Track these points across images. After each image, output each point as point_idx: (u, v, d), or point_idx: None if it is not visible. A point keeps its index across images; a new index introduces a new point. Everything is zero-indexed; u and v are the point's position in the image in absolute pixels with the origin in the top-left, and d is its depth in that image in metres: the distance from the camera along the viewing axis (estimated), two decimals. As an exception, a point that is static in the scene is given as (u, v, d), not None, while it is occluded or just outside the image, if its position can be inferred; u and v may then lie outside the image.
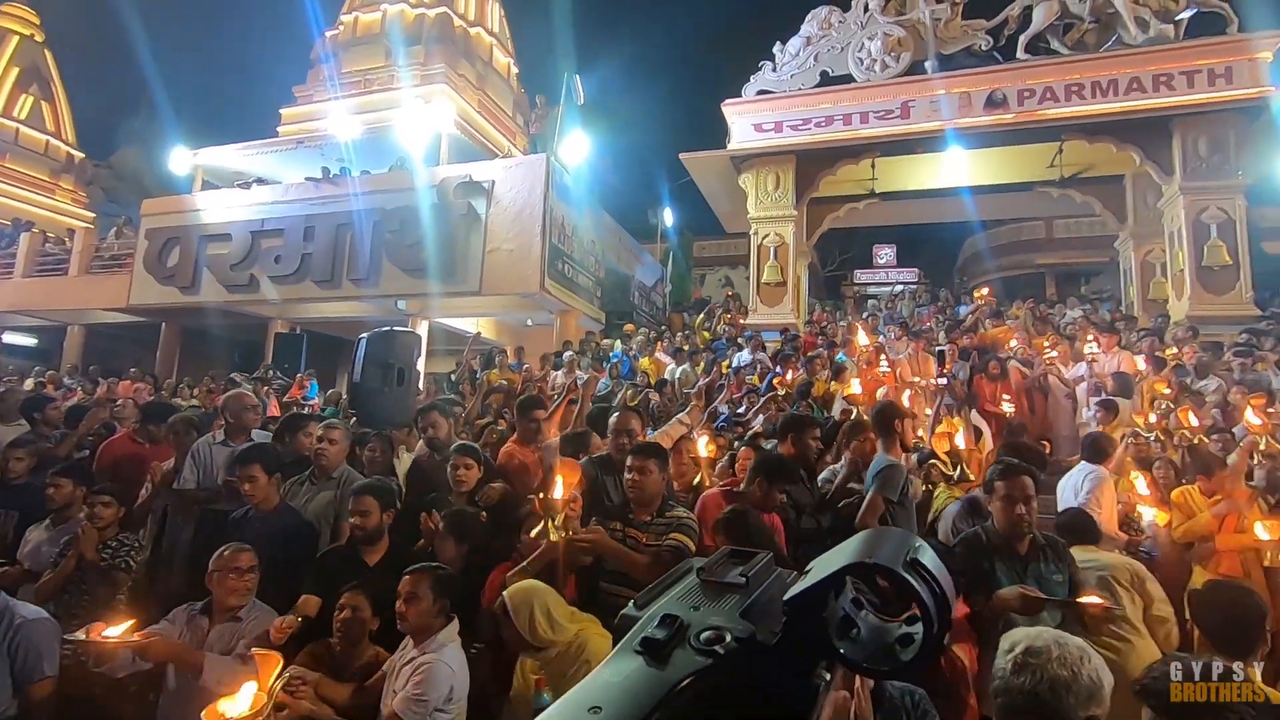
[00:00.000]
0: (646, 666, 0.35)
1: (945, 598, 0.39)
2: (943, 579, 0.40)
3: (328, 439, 3.92)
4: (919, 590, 0.38)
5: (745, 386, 7.94)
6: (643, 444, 3.36)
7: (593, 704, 0.31)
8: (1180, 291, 10.61)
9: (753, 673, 0.37)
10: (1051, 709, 1.38)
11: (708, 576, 0.43)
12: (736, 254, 18.28)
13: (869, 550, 0.41)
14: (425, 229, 12.28)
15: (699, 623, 0.38)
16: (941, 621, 0.39)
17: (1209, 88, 10.42)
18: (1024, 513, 2.65)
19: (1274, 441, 4.80)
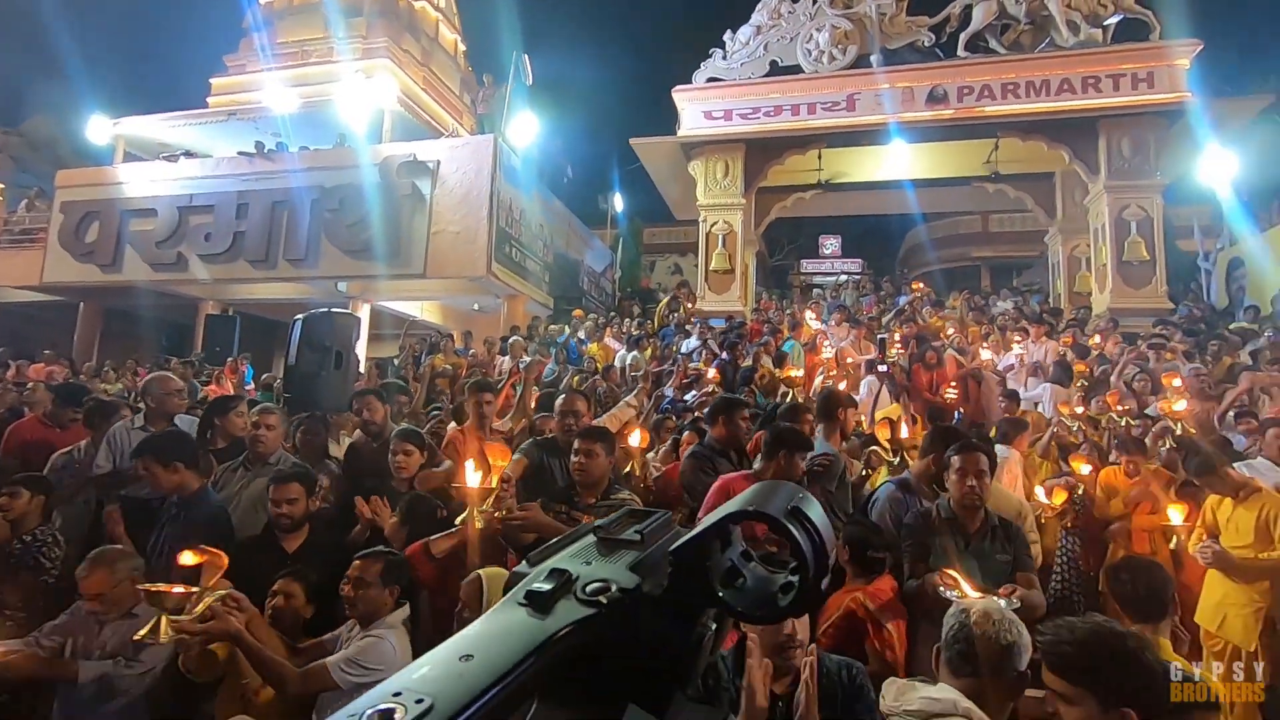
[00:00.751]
0: (528, 617, 0.35)
1: (823, 546, 0.40)
2: (823, 529, 0.41)
3: (264, 424, 3.77)
4: (798, 537, 0.40)
5: (692, 373, 8.00)
6: (590, 427, 3.36)
7: (465, 652, 0.31)
8: (1103, 285, 11.19)
9: (638, 623, 0.37)
10: (1000, 658, 1.68)
11: (604, 534, 0.43)
12: (686, 241, 18.34)
13: (754, 500, 0.42)
14: (367, 209, 11.89)
15: (588, 576, 0.38)
16: (818, 568, 0.40)
17: (1132, 91, 10.97)
18: (975, 486, 2.76)
19: (1188, 428, 5.12)
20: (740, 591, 0.40)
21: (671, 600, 0.39)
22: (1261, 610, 3.32)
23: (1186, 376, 6.49)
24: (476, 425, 4.05)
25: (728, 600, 0.40)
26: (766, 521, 0.40)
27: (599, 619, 0.36)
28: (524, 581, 0.38)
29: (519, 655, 0.31)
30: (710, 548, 0.40)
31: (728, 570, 0.41)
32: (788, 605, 0.40)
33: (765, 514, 0.40)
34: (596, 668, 0.37)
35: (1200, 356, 7.88)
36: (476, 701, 0.27)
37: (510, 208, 12.41)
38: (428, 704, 0.27)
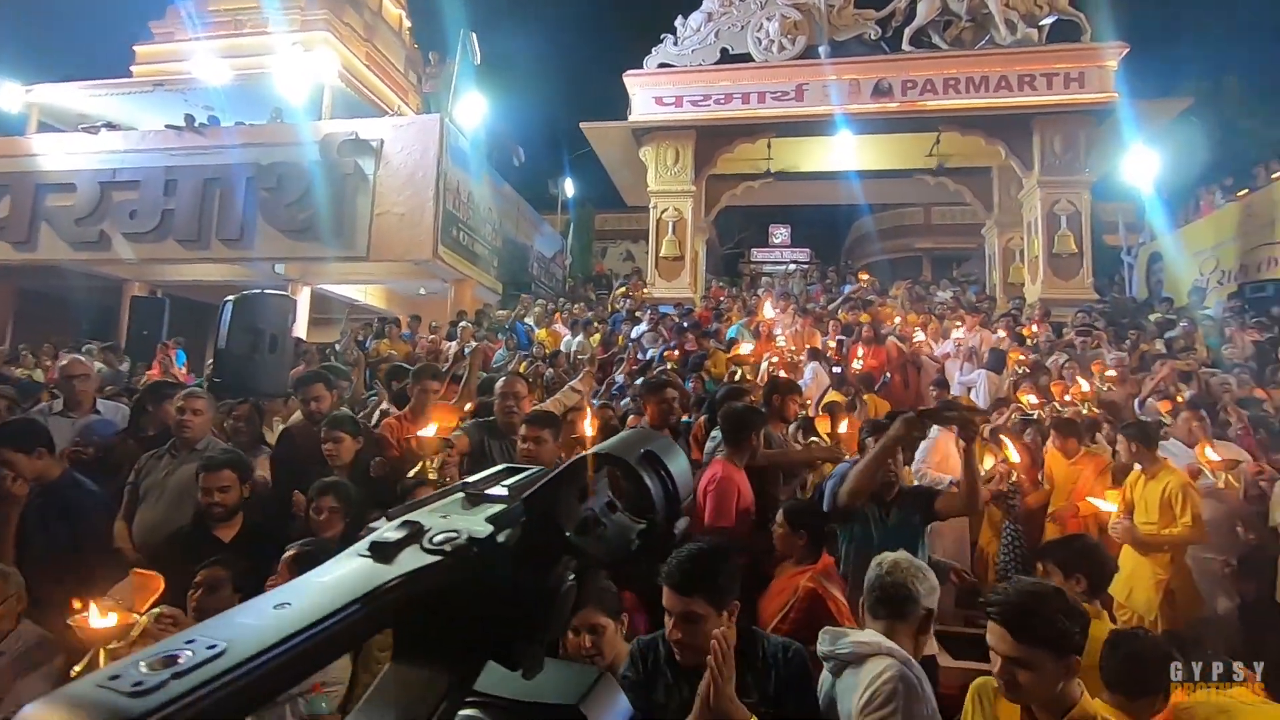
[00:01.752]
0: (364, 566, 0.34)
1: (675, 492, 0.41)
2: (678, 475, 0.41)
3: (190, 409, 3.61)
4: (646, 480, 0.40)
5: (642, 359, 8.01)
6: (536, 413, 3.33)
7: (283, 600, 0.29)
8: (1035, 276, 11.67)
9: (488, 572, 0.36)
10: (909, 595, 1.94)
11: (472, 490, 0.42)
12: (638, 228, 18.29)
13: (610, 446, 0.42)
14: (307, 188, 11.46)
15: (441, 527, 0.37)
16: (669, 512, 0.40)
17: (1064, 90, 11.42)
18: (891, 463, 2.98)
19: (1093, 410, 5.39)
20: (596, 539, 0.40)
21: (525, 550, 0.38)
22: (1162, 582, 3.55)
23: (1112, 362, 6.84)
24: (416, 412, 3.97)
25: (580, 546, 0.39)
26: (616, 465, 0.40)
27: (441, 567, 0.35)
28: (375, 534, 0.36)
29: (340, 603, 0.30)
30: (566, 496, 0.40)
31: (587, 519, 0.40)
32: (638, 547, 0.40)
33: (615, 457, 0.40)
34: (453, 623, 0.36)
35: (1120, 345, 8.31)
36: (278, 647, 0.26)
37: (458, 190, 12.15)
38: (220, 649, 0.25)
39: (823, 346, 8.39)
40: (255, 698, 0.26)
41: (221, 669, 0.25)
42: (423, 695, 0.34)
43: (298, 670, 0.27)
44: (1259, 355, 7.88)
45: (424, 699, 0.34)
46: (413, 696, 0.34)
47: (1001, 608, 1.69)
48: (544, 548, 0.39)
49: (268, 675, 0.26)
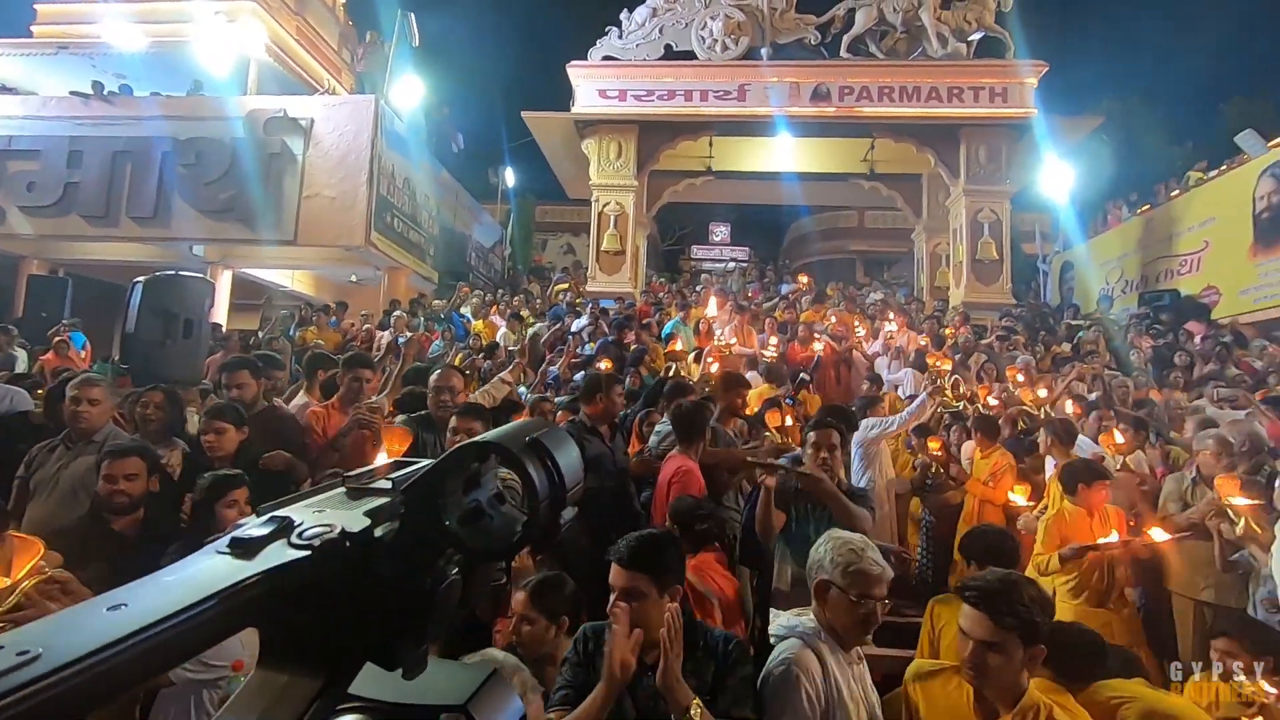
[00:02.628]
0: (222, 563, 0.32)
1: (560, 481, 0.40)
2: (564, 464, 0.41)
3: (85, 398, 3.36)
4: (529, 468, 0.39)
5: (581, 353, 7.97)
6: (467, 404, 3.27)
7: (119, 601, 0.27)
8: (959, 280, 12.22)
9: (364, 568, 0.35)
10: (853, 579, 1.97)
11: (354, 484, 0.41)
12: (579, 221, 18.16)
13: (495, 435, 0.41)
14: (230, 166, 10.86)
15: (312, 521, 0.35)
16: (552, 500, 0.39)
17: (989, 104, 11.97)
18: (826, 458, 3.06)
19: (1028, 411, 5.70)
20: (480, 531, 0.39)
21: (404, 544, 0.36)
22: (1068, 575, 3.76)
23: (1020, 365, 7.22)
24: (346, 402, 3.81)
25: (462, 538, 0.38)
26: (500, 454, 0.39)
27: (308, 563, 0.32)
28: (239, 529, 0.34)
29: (186, 602, 0.27)
30: (449, 487, 0.39)
31: (472, 510, 0.39)
32: (519, 538, 0.40)
33: (499, 446, 0.39)
34: (325, 623, 0.34)
35: (1033, 348, 8.79)
36: (104, 652, 0.23)
37: (393, 175, 11.76)
38: (32, 655, 0.23)
39: (760, 344, 8.55)
40: (75, 705, 0.23)
41: (30, 677, 0.22)
42: (289, 699, 0.32)
43: (133, 674, 0.24)
44: (1156, 359, 8.48)
45: (290, 703, 0.32)
46: (278, 701, 0.32)
47: (981, 592, 1.77)
48: (425, 541, 0.37)
49: (90, 682, 0.23)
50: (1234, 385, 6.71)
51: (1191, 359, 7.90)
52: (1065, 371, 7.38)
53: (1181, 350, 8.44)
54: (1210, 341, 8.83)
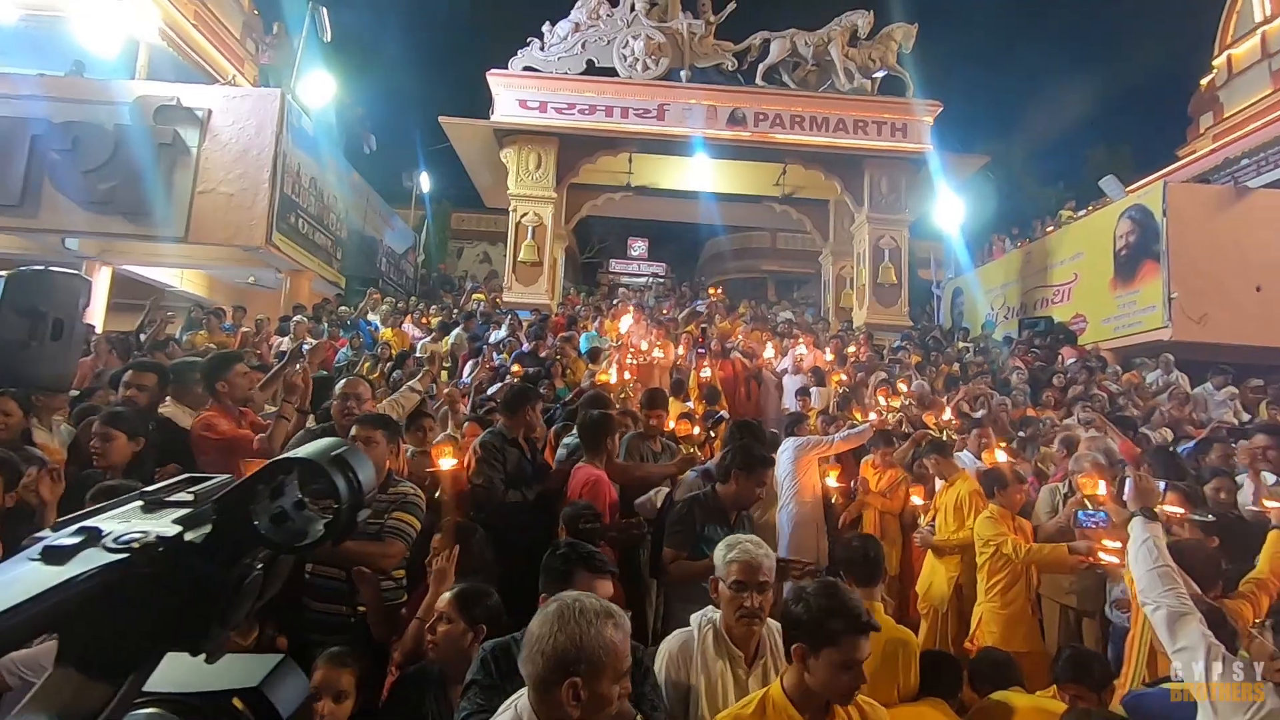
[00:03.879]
0: (34, 568, 0.35)
1: (360, 487, 0.48)
2: (362, 475, 0.48)
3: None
4: (333, 478, 0.46)
5: (497, 365, 7.85)
6: (369, 414, 3.15)
7: None
8: (861, 302, 12.90)
9: (176, 568, 0.40)
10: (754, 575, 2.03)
11: (151, 497, 0.46)
12: (497, 230, 17.92)
13: (302, 450, 0.48)
14: (112, 154, 10.00)
15: (122, 530, 0.40)
16: (352, 504, 0.47)
17: (891, 138, 12.78)
18: (760, 493, 3.19)
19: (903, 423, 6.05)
20: (285, 531, 0.45)
21: (214, 545, 0.42)
22: (953, 578, 4.05)
23: (914, 386, 7.69)
24: (230, 404, 3.57)
25: (270, 537, 0.44)
26: (307, 466, 0.46)
27: (127, 565, 0.37)
28: (47, 540, 0.37)
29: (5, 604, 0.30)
30: (257, 496, 0.44)
31: (277, 515, 0.45)
32: (323, 534, 0.47)
33: (306, 460, 0.46)
34: (125, 624, 0.38)
35: (926, 368, 9.39)
36: None
37: (298, 173, 11.20)
38: None
39: (674, 359, 8.70)
40: None
41: None
42: (87, 697, 0.35)
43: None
44: (1032, 380, 9.24)
45: (88, 701, 0.35)
46: (74, 700, 0.35)
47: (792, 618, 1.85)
48: (234, 542, 0.43)
49: None
50: (1095, 406, 7.40)
51: (1064, 381, 8.67)
52: (954, 392, 7.93)
53: (1056, 373, 9.24)
54: (1077, 365, 9.72)
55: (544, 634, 1.37)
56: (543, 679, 1.36)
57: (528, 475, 3.46)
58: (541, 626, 1.40)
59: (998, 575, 3.69)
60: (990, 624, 3.66)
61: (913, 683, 2.33)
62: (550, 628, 1.37)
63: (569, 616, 1.38)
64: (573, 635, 1.35)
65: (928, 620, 4.20)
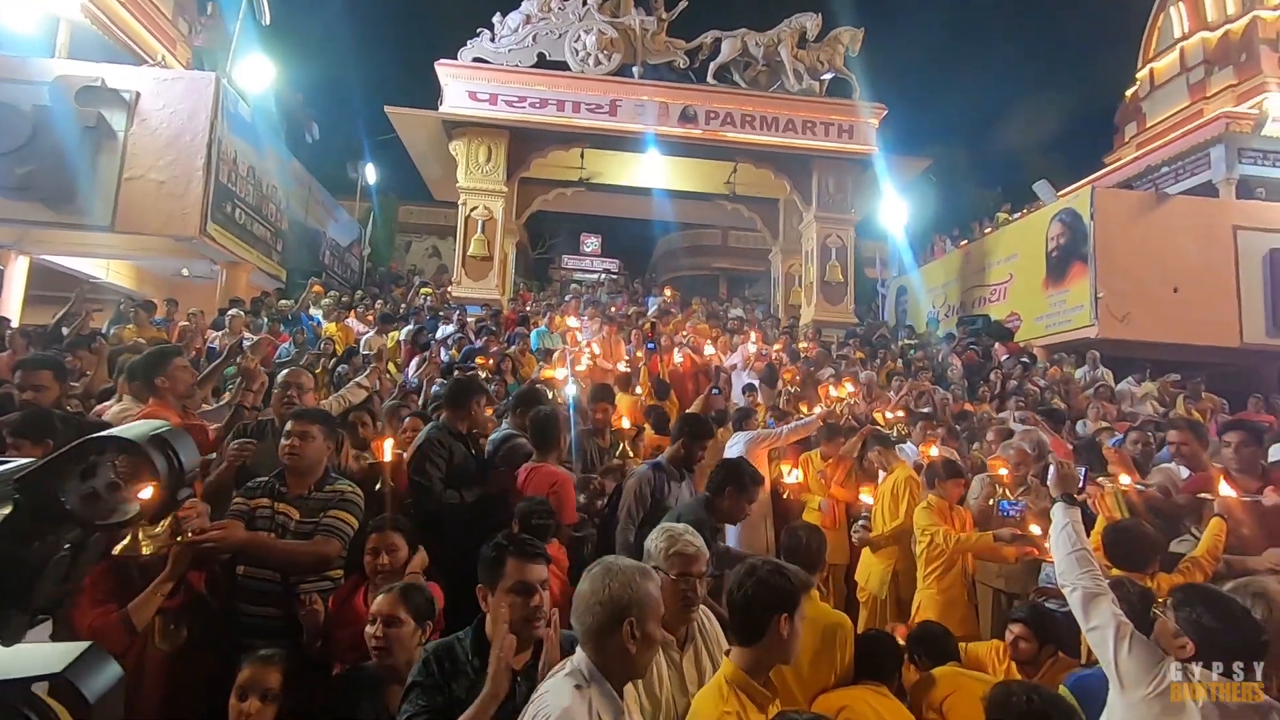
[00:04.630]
0: None
1: (181, 467, 0.49)
2: (184, 454, 0.50)
3: None
4: (155, 459, 0.47)
5: (445, 362, 7.71)
6: (305, 408, 3.05)
7: None
8: (809, 300, 13.16)
9: None
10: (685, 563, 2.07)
11: None
12: (446, 224, 17.60)
13: (122, 430, 0.49)
14: (29, 137, 9.41)
15: None
16: (171, 483, 0.49)
17: (838, 139, 13.06)
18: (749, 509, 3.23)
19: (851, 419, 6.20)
20: (95, 509, 0.46)
21: (16, 524, 0.43)
22: (889, 567, 4.18)
23: (861, 380, 7.90)
24: (172, 400, 3.42)
25: (81, 515, 0.45)
26: (121, 444, 0.47)
27: None
28: None
29: None
30: (66, 475, 0.45)
31: (88, 495, 0.46)
32: (136, 513, 0.48)
33: (119, 439, 0.47)
34: None
35: (871, 364, 9.64)
36: None
37: (235, 161, 10.76)
38: None
39: (628, 356, 8.71)
40: None
41: None
42: None
43: None
44: (969, 376, 9.61)
45: None
46: None
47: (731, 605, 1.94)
48: (38, 521, 0.44)
49: None
50: (1027, 400, 7.74)
51: (999, 377, 9.03)
52: (899, 386, 8.18)
53: (991, 369, 9.62)
54: (1012, 361, 10.14)
55: (597, 589, 1.59)
56: (603, 626, 1.56)
57: (471, 473, 3.41)
58: (592, 584, 1.60)
59: (934, 563, 3.82)
60: (928, 609, 3.79)
61: (848, 666, 2.39)
62: (602, 583, 1.59)
63: (615, 572, 1.61)
64: (625, 584, 1.58)
65: (867, 608, 4.33)
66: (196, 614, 2.30)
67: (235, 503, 2.63)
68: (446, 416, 3.53)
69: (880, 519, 4.33)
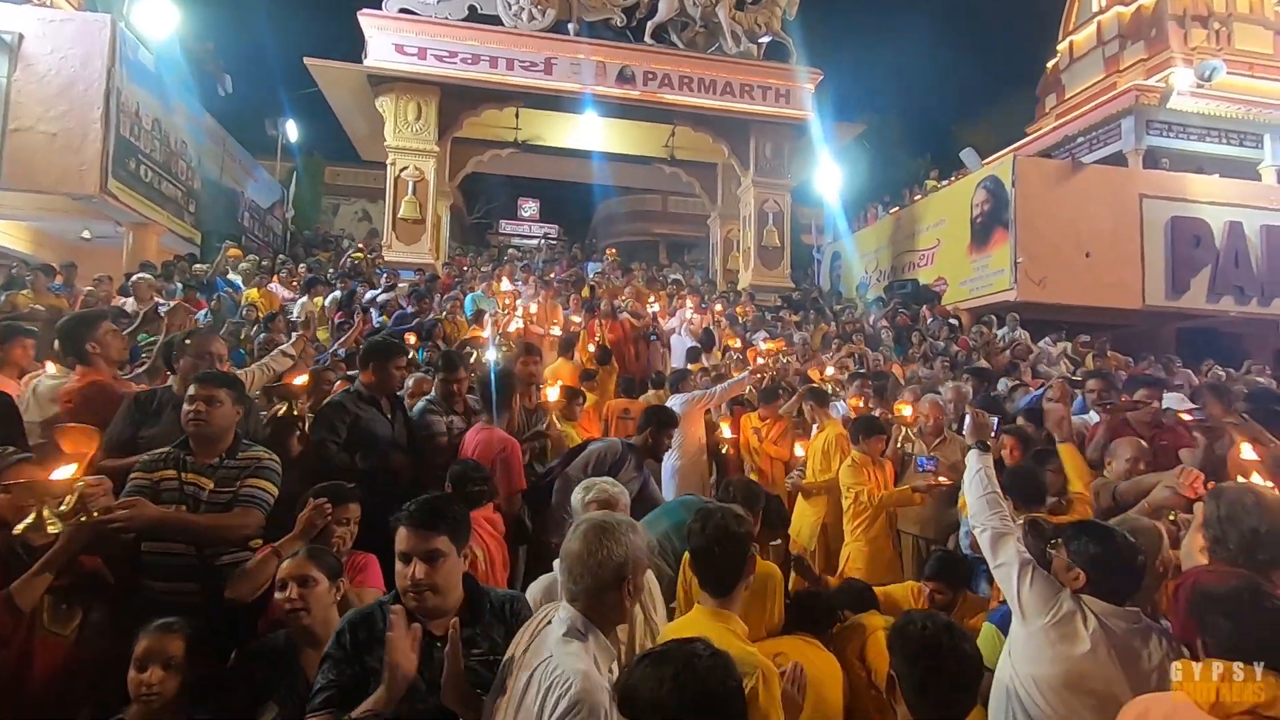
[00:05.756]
0: None
1: None
2: None
3: None
4: None
5: (377, 327, 7.45)
6: (210, 371, 2.86)
7: None
8: (747, 265, 13.30)
9: None
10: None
11: None
12: (375, 186, 16.84)
13: None
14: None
15: None
16: None
17: (775, 103, 13.09)
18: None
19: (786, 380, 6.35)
20: None
21: None
22: (818, 521, 4.34)
23: (795, 342, 8.08)
24: (104, 365, 3.18)
25: None
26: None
27: None
28: None
29: None
30: None
31: None
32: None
33: None
34: None
35: (806, 328, 9.87)
36: None
37: (137, 114, 9.95)
38: None
39: (564, 320, 8.62)
40: None
41: None
42: None
43: None
44: (899, 338, 9.95)
45: None
46: None
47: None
48: None
49: None
50: (954, 360, 8.10)
51: (924, 338, 9.39)
52: (836, 348, 8.42)
53: (917, 330, 9.99)
54: (938, 323, 10.55)
55: (594, 549, 1.58)
56: (603, 585, 1.58)
57: (384, 439, 3.28)
58: (587, 544, 1.59)
59: (860, 517, 4.01)
60: (856, 560, 3.98)
61: (778, 616, 2.46)
62: (599, 544, 1.59)
63: (609, 530, 1.62)
64: (622, 545, 1.60)
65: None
66: (92, 594, 2.16)
67: (134, 478, 2.44)
68: (361, 379, 3.41)
69: (812, 474, 4.49)
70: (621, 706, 1.21)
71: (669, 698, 1.15)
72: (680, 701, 1.14)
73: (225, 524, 2.46)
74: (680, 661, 1.19)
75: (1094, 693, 1.75)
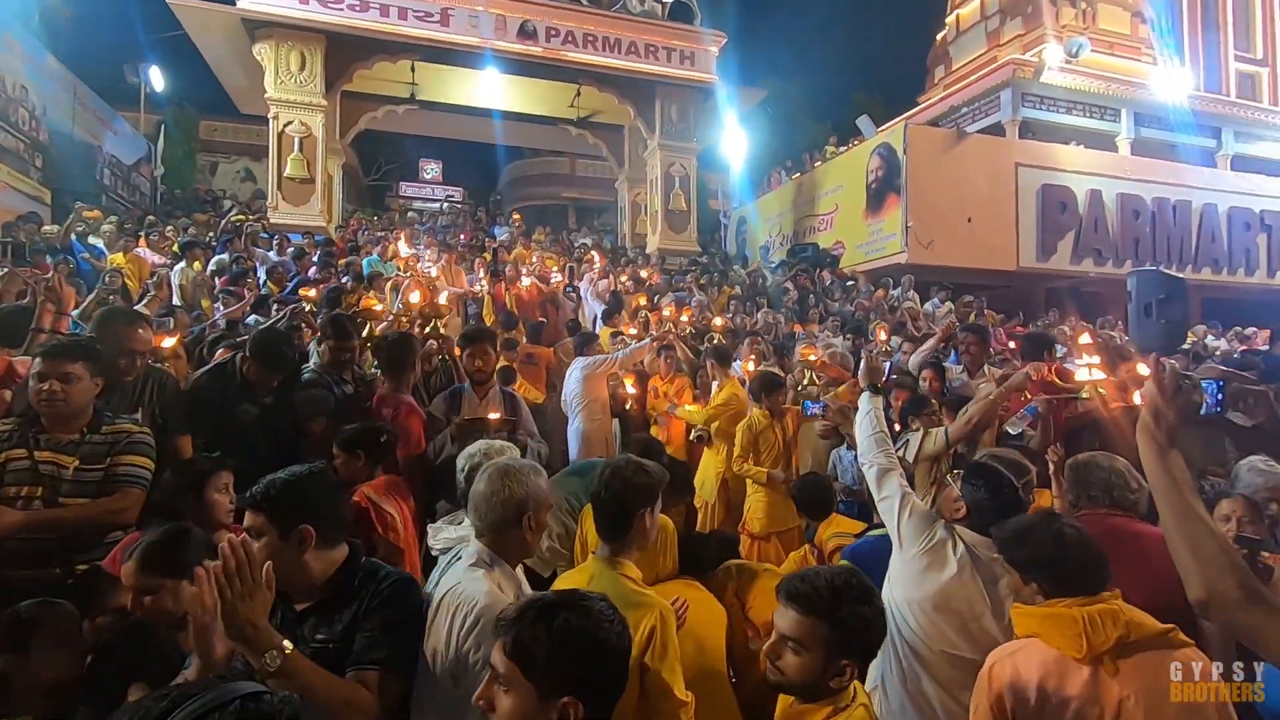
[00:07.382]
0: None
1: None
2: None
3: None
4: None
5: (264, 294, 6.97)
6: (61, 342, 2.58)
7: None
8: (654, 228, 13.35)
9: None
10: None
11: None
12: (259, 143, 15.59)
13: None
14: None
15: None
16: None
17: (680, 65, 13.06)
18: None
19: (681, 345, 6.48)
20: None
21: None
22: (719, 475, 4.51)
23: (693, 305, 8.25)
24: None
25: None
26: None
27: None
28: None
29: None
30: None
31: None
32: None
33: None
34: None
35: (710, 291, 10.06)
36: None
37: (-39, 53, 8.74)
38: None
39: (468, 285, 8.39)
40: None
41: None
42: None
43: None
44: (800, 300, 10.33)
45: None
46: None
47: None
48: None
49: None
50: (844, 320, 8.51)
51: (819, 300, 9.80)
52: (735, 310, 8.64)
53: (816, 293, 10.40)
54: (836, 286, 11.02)
55: (497, 489, 1.73)
56: (505, 521, 1.73)
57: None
58: (491, 484, 1.74)
59: (755, 467, 4.19)
60: (757, 511, 4.15)
61: (671, 565, 2.56)
62: (501, 483, 1.74)
63: (511, 472, 1.77)
64: (522, 483, 1.75)
65: (702, 513, 4.65)
66: None
67: None
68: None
69: (713, 430, 4.64)
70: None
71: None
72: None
73: (103, 510, 2.29)
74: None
75: (958, 613, 1.94)
